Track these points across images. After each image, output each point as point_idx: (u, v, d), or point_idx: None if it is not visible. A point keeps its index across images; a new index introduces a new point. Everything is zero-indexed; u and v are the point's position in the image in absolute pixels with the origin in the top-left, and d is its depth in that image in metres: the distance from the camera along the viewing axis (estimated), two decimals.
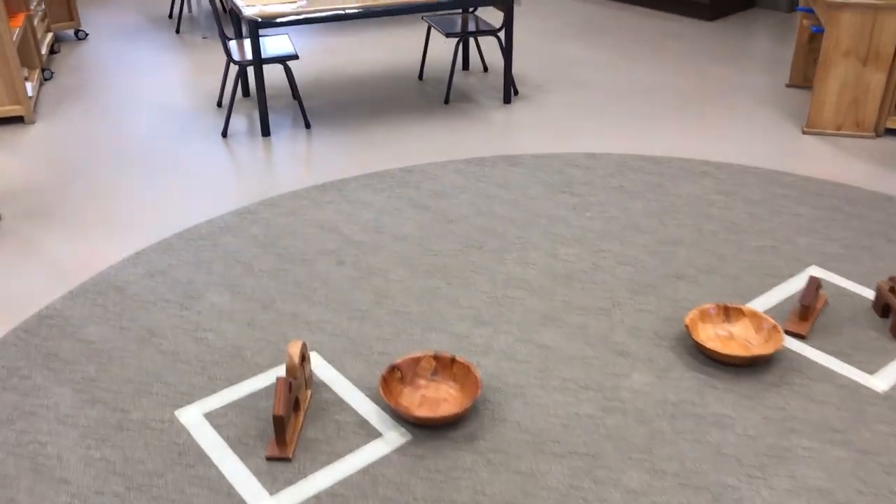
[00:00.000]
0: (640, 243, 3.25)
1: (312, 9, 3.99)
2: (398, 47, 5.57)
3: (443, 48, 5.55)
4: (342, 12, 4.03)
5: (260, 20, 3.91)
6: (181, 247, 3.26)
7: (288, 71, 4.26)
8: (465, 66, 5.17)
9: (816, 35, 4.58)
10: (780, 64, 5.18)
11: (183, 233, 3.36)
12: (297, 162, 3.99)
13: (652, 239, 3.28)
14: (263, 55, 4.14)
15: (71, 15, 5.65)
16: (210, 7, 6.42)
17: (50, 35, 5.36)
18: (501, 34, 5.02)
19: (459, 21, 4.76)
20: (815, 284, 2.76)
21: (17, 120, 4.44)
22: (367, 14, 4.09)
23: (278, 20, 3.94)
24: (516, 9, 6.28)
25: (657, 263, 3.12)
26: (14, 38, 4.29)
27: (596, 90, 4.82)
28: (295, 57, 4.15)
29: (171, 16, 6.23)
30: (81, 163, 4.00)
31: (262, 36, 4.33)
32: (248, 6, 4.01)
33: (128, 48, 5.57)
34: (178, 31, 5.87)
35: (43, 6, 5.36)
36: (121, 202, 3.64)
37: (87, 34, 5.81)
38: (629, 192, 3.65)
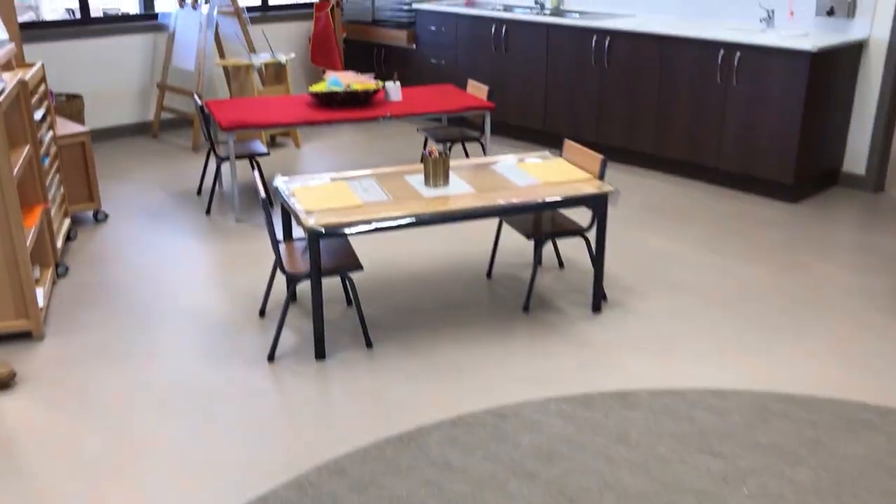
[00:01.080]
0: None
1: (382, 216, 3.39)
2: (459, 236, 4.98)
3: (510, 237, 4.96)
4: (415, 220, 3.43)
5: (324, 231, 3.29)
6: None
7: (348, 282, 3.61)
8: (538, 260, 4.54)
9: None
10: (891, 261, 4.57)
11: None
12: (361, 400, 3.27)
13: None
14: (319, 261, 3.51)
15: (91, 195, 5.08)
16: (244, 183, 5.89)
17: (67, 221, 4.77)
18: (591, 234, 4.42)
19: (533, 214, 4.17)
20: None
21: (24, 336, 3.75)
22: (442, 220, 3.50)
23: (344, 231, 3.33)
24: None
25: None
26: (28, 242, 3.67)
27: (694, 294, 4.18)
28: (359, 268, 3.52)
29: (199, 193, 5.68)
30: (97, 400, 3.28)
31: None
32: (307, 212, 3.41)
33: (152, 234, 4.97)
34: (208, 213, 5.29)
35: (62, 189, 4.80)
36: (146, 460, 2.89)
37: (107, 216, 5.23)
38: (784, 454, 2.92)
